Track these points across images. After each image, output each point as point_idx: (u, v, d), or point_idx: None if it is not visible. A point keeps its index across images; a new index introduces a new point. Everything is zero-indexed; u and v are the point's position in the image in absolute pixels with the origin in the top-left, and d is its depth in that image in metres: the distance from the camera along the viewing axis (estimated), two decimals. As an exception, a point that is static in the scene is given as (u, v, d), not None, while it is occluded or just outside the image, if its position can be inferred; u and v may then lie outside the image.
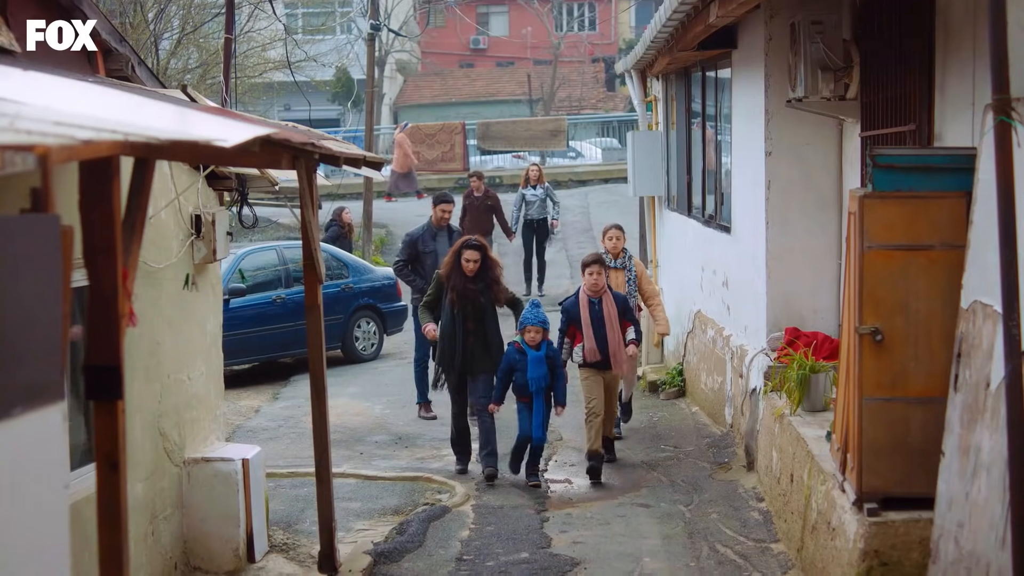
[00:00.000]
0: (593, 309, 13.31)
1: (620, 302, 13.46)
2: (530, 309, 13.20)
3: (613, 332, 13.26)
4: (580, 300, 13.41)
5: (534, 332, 13.02)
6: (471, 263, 13.37)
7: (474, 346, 13.42)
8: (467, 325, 13.38)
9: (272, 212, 29.71)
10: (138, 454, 9.34)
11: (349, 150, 10.00)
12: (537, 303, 13.44)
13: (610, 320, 13.26)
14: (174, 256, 10.13)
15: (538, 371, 13.00)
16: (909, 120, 10.15)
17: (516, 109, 58.16)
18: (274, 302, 20.40)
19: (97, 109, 4.46)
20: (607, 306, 13.30)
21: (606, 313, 13.27)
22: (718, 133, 15.64)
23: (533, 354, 13.00)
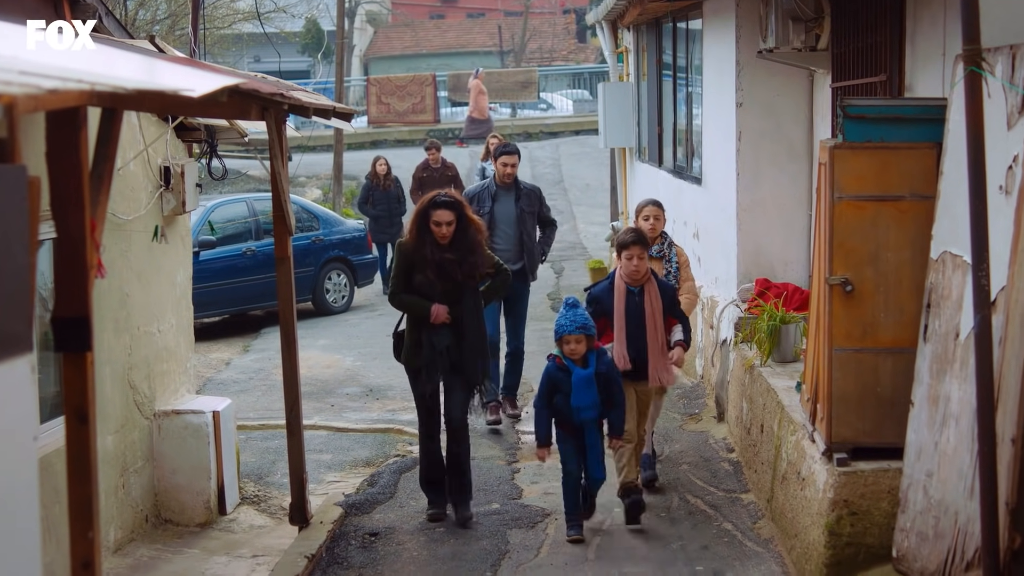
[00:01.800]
0: (631, 301, 10.27)
1: (668, 294, 10.46)
2: (566, 312, 9.83)
3: (655, 333, 10.26)
4: (615, 288, 10.31)
5: (575, 343, 9.65)
6: (444, 226, 10.10)
7: (450, 340, 10.26)
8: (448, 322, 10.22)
9: (242, 164, 29.52)
10: (108, 407, 9.32)
11: (319, 101, 9.96)
12: (574, 301, 9.92)
13: (652, 317, 10.26)
14: (143, 208, 10.07)
15: (587, 396, 9.69)
16: (880, 71, 10.15)
17: (487, 61, 57.97)
18: (244, 254, 20.33)
19: (63, 59, 4.41)
20: (650, 298, 10.27)
21: (648, 307, 10.27)
22: (689, 84, 15.61)
23: (580, 372, 9.67)
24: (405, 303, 10.31)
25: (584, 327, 9.70)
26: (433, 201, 10.19)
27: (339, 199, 30.40)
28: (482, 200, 13.32)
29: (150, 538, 9.98)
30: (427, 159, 23.93)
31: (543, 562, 9.44)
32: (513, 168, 13.45)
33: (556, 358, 9.83)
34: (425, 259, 10.11)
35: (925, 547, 7.70)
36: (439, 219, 10.11)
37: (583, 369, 9.71)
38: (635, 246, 10.23)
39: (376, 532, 10.20)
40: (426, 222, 10.13)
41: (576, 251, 27.09)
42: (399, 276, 10.31)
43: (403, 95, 40.97)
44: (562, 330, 9.76)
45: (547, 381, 9.88)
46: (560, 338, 9.77)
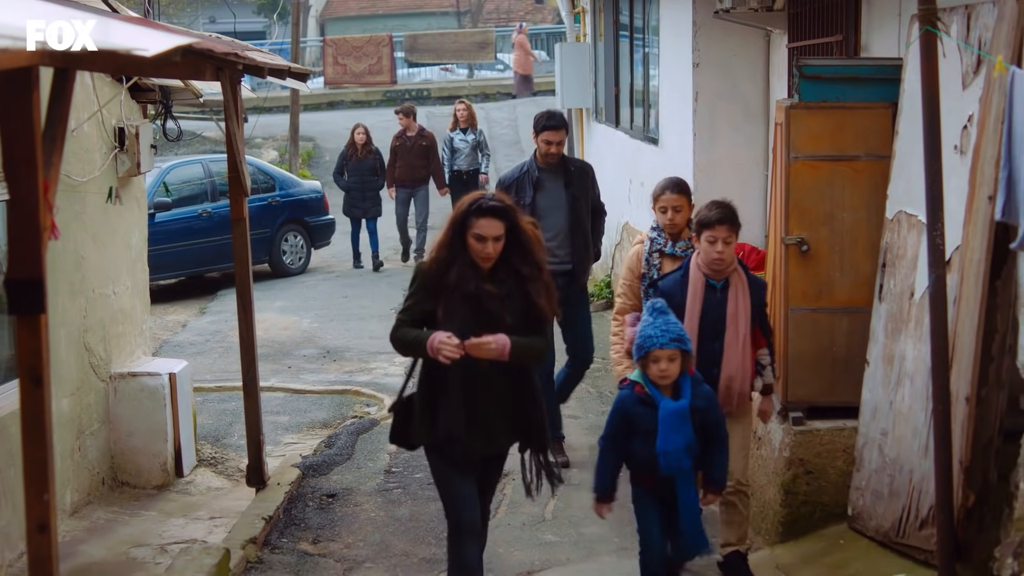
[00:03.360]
0: (711, 299, 7.75)
1: (758, 294, 7.91)
2: (653, 319, 7.10)
3: (736, 344, 7.76)
4: (690, 280, 7.79)
5: (667, 361, 6.99)
6: (490, 243, 6.83)
7: (495, 411, 7.05)
8: (481, 369, 6.87)
9: (197, 125, 29.35)
10: (63, 369, 9.28)
11: (274, 61, 9.90)
12: (663, 305, 7.20)
13: (736, 321, 7.73)
14: (97, 169, 10.01)
15: (680, 437, 7.04)
16: (836, 31, 10.15)
17: (443, 21, 57.74)
18: (200, 216, 20.24)
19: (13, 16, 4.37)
20: (737, 298, 7.75)
21: (732, 307, 7.74)
22: (646, 45, 15.59)
23: (670, 405, 7.02)
24: (403, 340, 6.99)
25: (680, 339, 7.00)
26: (476, 205, 6.85)
27: (295, 160, 30.26)
28: (522, 188, 10.45)
29: (107, 501, 9.96)
30: (401, 128, 21.59)
31: (501, 522, 9.46)
32: (559, 147, 10.54)
33: (635, 385, 7.13)
34: (456, 290, 6.83)
35: (880, 505, 7.76)
36: (483, 231, 6.78)
37: (674, 400, 7.03)
38: (721, 226, 7.60)
39: (333, 493, 10.21)
40: (462, 235, 6.86)
41: (533, 212, 27.07)
42: (412, 308, 6.99)
43: (359, 56, 40.75)
44: (649, 343, 6.99)
45: (620, 416, 7.24)
46: (646, 354, 7.01)
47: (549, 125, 10.48)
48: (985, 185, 6.84)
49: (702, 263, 7.75)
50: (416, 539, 9.24)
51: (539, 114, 10.78)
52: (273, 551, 9.02)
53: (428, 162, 21.37)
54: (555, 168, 10.55)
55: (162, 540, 9.18)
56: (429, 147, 21.39)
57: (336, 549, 9.10)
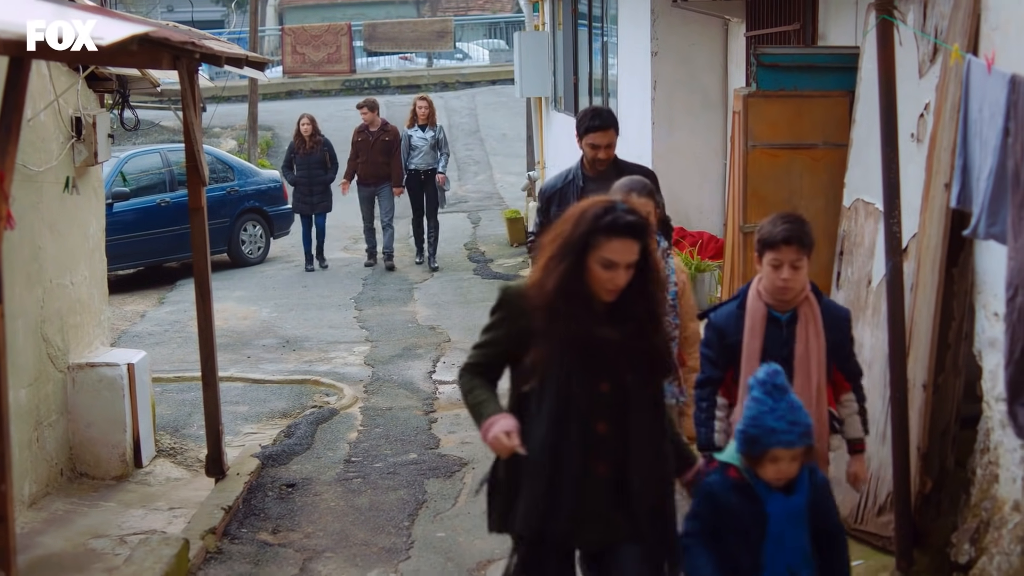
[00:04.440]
0: (776, 336, 6.17)
1: (838, 328, 6.25)
2: (774, 400, 5.23)
3: (810, 393, 6.12)
4: (748, 309, 6.24)
5: (788, 462, 5.27)
6: (621, 271, 5.13)
7: (603, 485, 5.25)
8: (596, 430, 5.22)
9: (155, 115, 29.29)
10: (21, 360, 9.23)
11: (231, 50, 9.86)
12: (783, 382, 5.25)
13: (806, 366, 6.13)
14: (54, 159, 9.95)
15: (795, 545, 5.35)
16: (794, 19, 10.20)
17: (402, 10, 57.59)
18: (159, 206, 20.15)
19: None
20: (808, 335, 6.16)
21: (802, 349, 6.16)
22: (605, 34, 15.61)
23: (782, 503, 5.33)
24: (465, 396, 5.41)
25: (809, 433, 5.27)
26: (611, 220, 5.07)
27: (254, 150, 30.17)
28: (565, 201, 8.40)
29: (65, 492, 9.91)
30: (363, 122, 20.26)
31: (461, 511, 9.47)
32: (609, 151, 8.63)
33: (729, 468, 5.36)
34: (564, 333, 5.12)
35: (838, 492, 7.78)
36: (616, 256, 5.07)
37: (787, 495, 5.32)
38: (788, 247, 5.98)
39: (293, 483, 10.19)
40: (580, 258, 5.10)
41: (493, 201, 27.11)
42: (490, 349, 5.39)
43: (318, 45, 40.63)
44: (772, 440, 5.21)
45: (709, 507, 5.40)
46: (763, 453, 5.23)
47: (593, 126, 8.64)
48: (941, 173, 6.89)
49: (764, 291, 6.15)
50: (376, 528, 9.23)
51: (582, 113, 9.04)
52: (233, 541, 9.00)
53: (389, 159, 19.99)
54: (607, 176, 8.41)
55: (121, 531, 9.13)
56: (392, 142, 19.99)
57: (296, 539, 9.09)
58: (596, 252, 5.05)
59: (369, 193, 20.21)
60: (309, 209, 20.46)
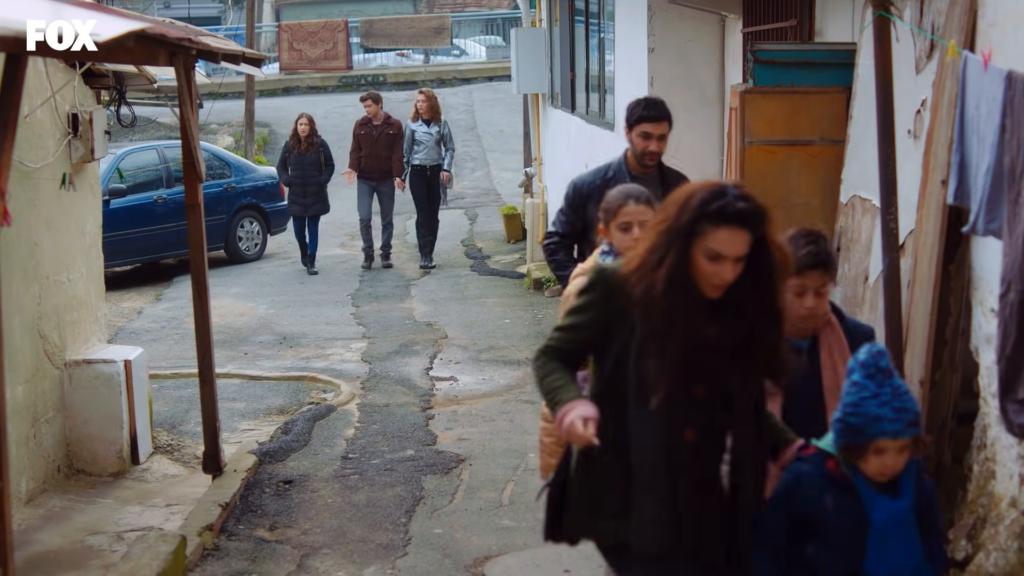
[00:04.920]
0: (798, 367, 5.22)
1: None
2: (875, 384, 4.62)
3: None
4: None
5: (894, 454, 4.63)
6: (729, 264, 4.58)
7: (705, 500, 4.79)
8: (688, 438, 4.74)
9: (152, 111, 29.26)
10: (18, 356, 9.23)
11: (228, 46, 9.86)
12: (887, 364, 4.66)
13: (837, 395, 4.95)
14: (51, 156, 9.95)
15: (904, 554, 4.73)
16: (790, 15, 10.19)
17: (399, 6, 57.57)
18: (155, 202, 20.17)
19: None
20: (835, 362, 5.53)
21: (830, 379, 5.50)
22: (601, 30, 15.61)
23: (888, 505, 4.70)
24: (541, 381, 4.89)
25: (918, 421, 4.66)
26: (718, 208, 4.53)
27: (251, 146, 30.17)
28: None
29: (62, 488, 9.91)
30: (366, 115, 19.89)
31: (458, 508, 9.47)
32: (661, 143, 8.10)
33: (828, 459, 4.76)
34: (665, 328, 4.60)
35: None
36: (723, 248, 4.54)
37: (893, 498, 4.70)
38: (814, 271, 5.38)
39: (290, 480, 10.19)
40: (684, 247, 4.58)
41: (490, 197, 27.14)
42: (574, 334, 4.88)
43: (315, 41, 40.65)
44: (877, 428, 4.60)
45: (793, 503, 4.78)
46: (867, 444, 4.63)
47: (647, 115, 8.04)
48: (938, 169, 6.88)
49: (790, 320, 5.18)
50: (373, 525, 9.23)
51: (633, 102, 8.28)
52: (230, 538, 9.00)
53: (392, 153, 19.63)
54: (651, 176, 8.02)
55: (118, 528, 9.14)
56: (396, 136, 19.61)
57: (293, 535, 9.09)
58: (701, 242, 4.54)
59: (370, 188, 19.84)
60: (302, 211, 19.92)
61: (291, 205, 20.18)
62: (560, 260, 8.20)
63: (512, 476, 10.09)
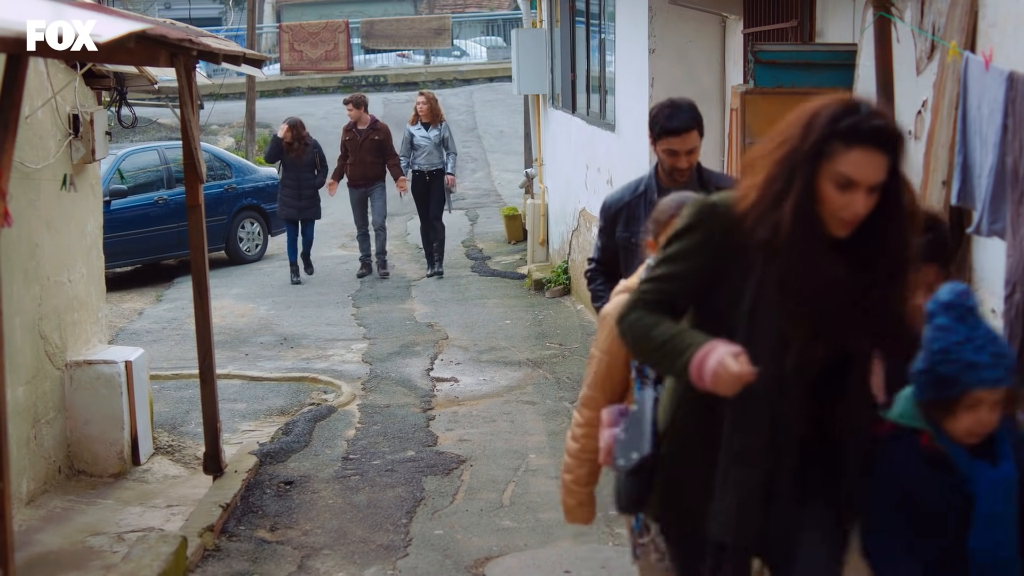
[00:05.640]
0: None
1: None
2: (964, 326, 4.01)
3: None
4: None
5: (988, 409, 4.02)
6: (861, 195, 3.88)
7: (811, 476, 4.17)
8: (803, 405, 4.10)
9: (153, 112, 29.20)
10: (18, 357, 9.23)
11: (228, 47, 9.86)
12: (973, 303, 4.06)
13: None
14: (52, 157, 9.95)
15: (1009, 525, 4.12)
16: (791, 16, 10.19)
17: (400, 7, 57.59)
18: (156, 203, 20.18)
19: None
20: None
21: None
22: (602, 31, 15.60)
23: (988, 475, 4.09)
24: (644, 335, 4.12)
25: (1014, 368, 4.13)
26: (850, 124, 3.88)
27: (252, 147, 30.17)
28: (635, 217, 7.09)
29: (63, 489, 9.91)
30: (351, 120, 19.08)
31: (459, 508, 9.47)
32: (691, 159, 7.13)
33: (921, 434, 4.16)
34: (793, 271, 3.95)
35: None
36: (856, 173, 3.89)
37: (992, 465, 4.13)
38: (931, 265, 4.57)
39: (291, 480, 10.19)
40: (809, 173, 3.93)
41: (491, 198, 27.14)
42: (668, 282, 4.16)
43: (316, 42, 40.66)
44: (972, 377, 4.00)
45: (895, 490, 4.16)
46: (959, 397, 4.03)
47: (670, 128, 7.01)
48: (939, 170, 6.88)
49: None
50: (374, 525, 9.24)
51: (656, 109, 7.22)
52: (230, 539, 9.01)
53: (382, 158, 18.89)
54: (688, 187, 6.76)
55: (119, 528, 9.14)
56: (383, 141, 18.88)
57: (294, 536, 9.09)
58: (830, 166, 3.87)
59: (360, 195, 19.07)
60: (296, 214, 19.12)
61: (284, 208, 19.30)
62: (596, 289, 7.31)
63: (513, 477, 10.09)
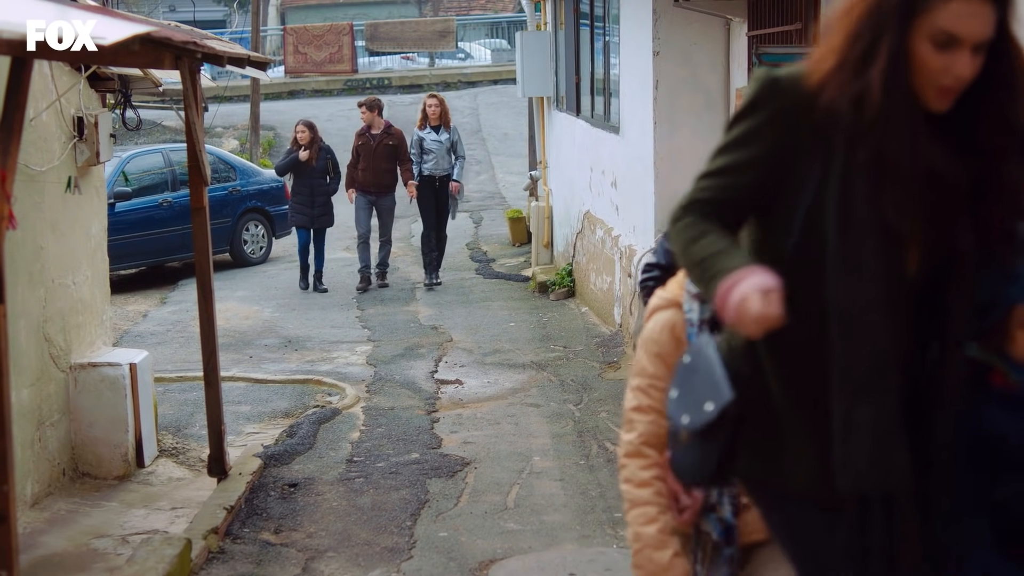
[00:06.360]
0: None
1: None
2: None
3: None
4: None
5: None
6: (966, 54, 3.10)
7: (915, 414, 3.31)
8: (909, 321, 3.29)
9: (157, 115, 29.30)
10: (23, 360, 9.23)
11: (233, 49, 9.87)
12: None
13: None
14: (56, 159, 9.96)
15: None
16: (795, 19, 10.19)
17: (404, 10, 57.65)
18: (160, 205, 20.19)
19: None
20: None
21: None
22: (606, 33, 15.61)
23: None
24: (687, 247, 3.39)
25: None
26: None
27: (256, 149, 30.21)
28: None
29: (67, 492, 9.91)
30: (364, 124, 18.41)
31: (463, 511, 9.47)
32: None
33: (992, 375, 3.42)
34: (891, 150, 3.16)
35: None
36: (960, 25, 3.11)
37: None
38: None
39: (295, 483, 10.19)
40: (900, 29, 3.14)
41: (495, 201, 27.15)
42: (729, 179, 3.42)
43: (320, 44, 40.67)
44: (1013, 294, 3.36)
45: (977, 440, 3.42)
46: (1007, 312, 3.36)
47: None
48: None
49: None
50: (378, 528, 9.24)
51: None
52: (235, 541, 9.01)
53: (395, 165, 18.20)
54: None
55: (123, 531, 9.14)
56: (397, 147, 18.14)
57: (298, 539, 9.09)
58: (926, 20, 3.13)
59: (368, 203, 18.38)
60: (309, 222, 18.42)
61: (296, 215, 18.63)
62: None
63: (517, 479, 10.09)
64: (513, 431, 11.39)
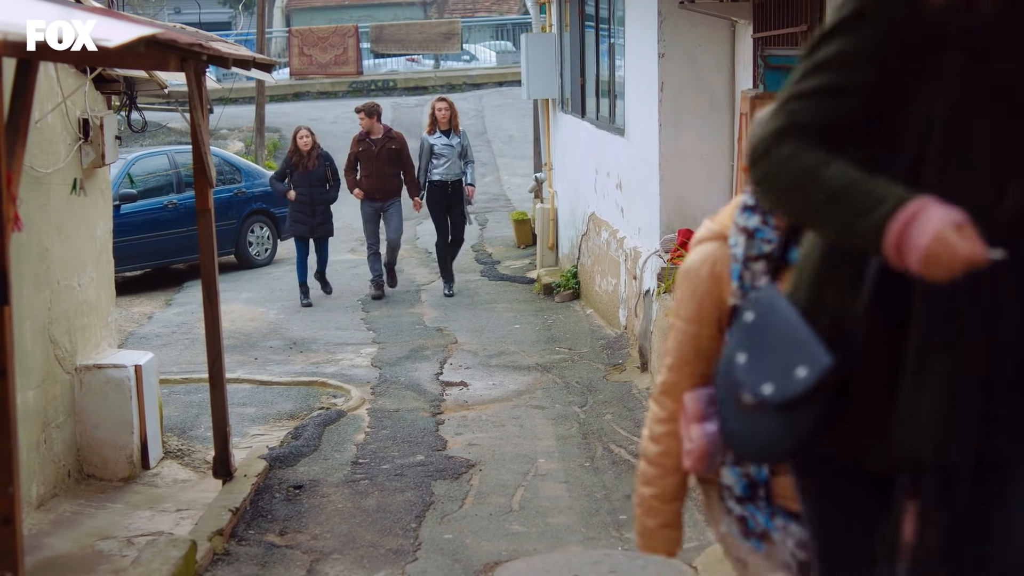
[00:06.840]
0: None
1: None
2: None
3: None
4: None
5: None
6: None
7: None
8: None
9: (162, 116, 29.30)
10: (28, 361, 9.24)
11: (238, 51, 9.87)
12: None
13: None
14: (62, 161, 9.96)
15: None
16: (801, 21, 10.18)
17: (409, 12, 57.68)
18: (166, 207, 20.20)
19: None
20: None
21: None
22: (612, 35, 15.60)
23: None
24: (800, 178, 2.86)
25: None
26: None
27: (261, 151, 30.21)
28: None
29: (73, 493, 9.92)
30: (362, 130, 17.83)
31: (468, 513, 9.47)
32: None
33: None
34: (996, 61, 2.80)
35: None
36: None
37: None
38: None
39: (300, 485, 10.19)
40: None
41: (500, 203, 27.13)
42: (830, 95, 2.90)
43: (325, 47, 40.68)
44: None
45: None
46: None
47: None
48: None
49: None
50: (383, 530, 9.24)
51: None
52: (240, 543, 9.01)
53: (397, 169, 17.66)
54: None
55: (128, 532, 9.15)
56: (400, 151, 17.62)
57: (303, 540, 9.09)
58: None
59: (374, 210, 17.80)
60: (308, 232, 17.73)
61: (295, 225, 17.81)
62: None
63: (522, 481, 10.08)
64: (518, 433, 11.39)
